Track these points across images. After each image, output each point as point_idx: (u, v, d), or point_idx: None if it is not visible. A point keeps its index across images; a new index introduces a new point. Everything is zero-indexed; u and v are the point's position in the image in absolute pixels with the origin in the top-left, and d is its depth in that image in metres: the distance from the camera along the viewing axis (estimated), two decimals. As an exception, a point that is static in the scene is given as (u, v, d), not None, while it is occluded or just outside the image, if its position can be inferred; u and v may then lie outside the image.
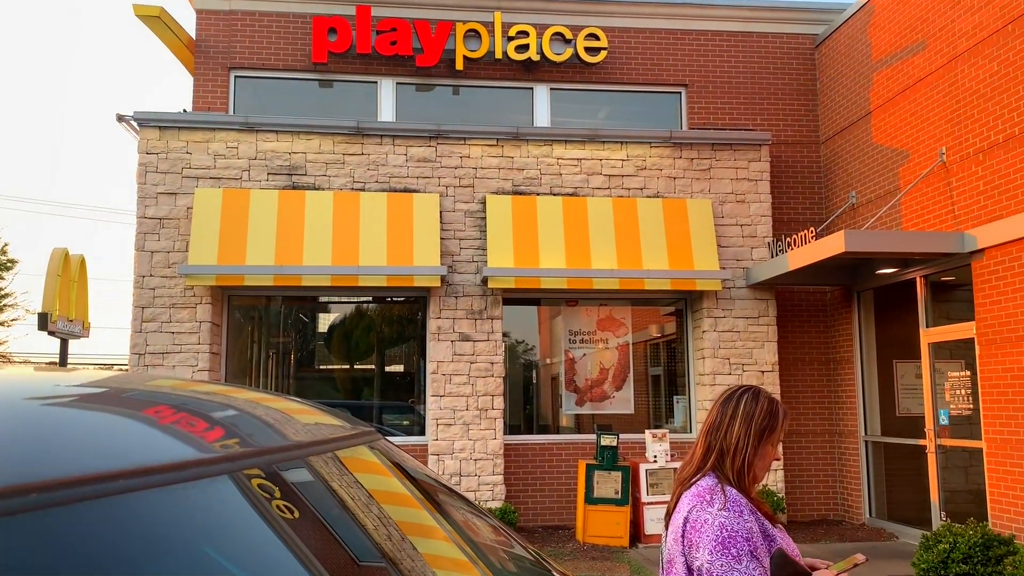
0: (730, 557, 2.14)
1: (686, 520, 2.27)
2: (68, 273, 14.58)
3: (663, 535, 2.45)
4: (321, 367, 10.85)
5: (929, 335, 9.23)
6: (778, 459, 2.53)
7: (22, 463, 0.78)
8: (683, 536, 2.26)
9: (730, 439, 2.36)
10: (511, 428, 10.29)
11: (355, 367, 10.78)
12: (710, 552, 2.16)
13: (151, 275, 9.55)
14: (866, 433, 10.46)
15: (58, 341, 13.83)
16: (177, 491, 0.88)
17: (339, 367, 10.82)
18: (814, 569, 2.42)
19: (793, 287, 10.96)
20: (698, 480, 2.35)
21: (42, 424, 0.92)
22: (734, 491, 2.29)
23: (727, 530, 2.17)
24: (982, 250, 8.22)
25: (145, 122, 9.81)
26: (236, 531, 0.94)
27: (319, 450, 1.25)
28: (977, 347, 8.31)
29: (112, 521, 0.78)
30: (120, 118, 9.86)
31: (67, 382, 1.32)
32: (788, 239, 9.73)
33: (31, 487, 0.74)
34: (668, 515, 2.43)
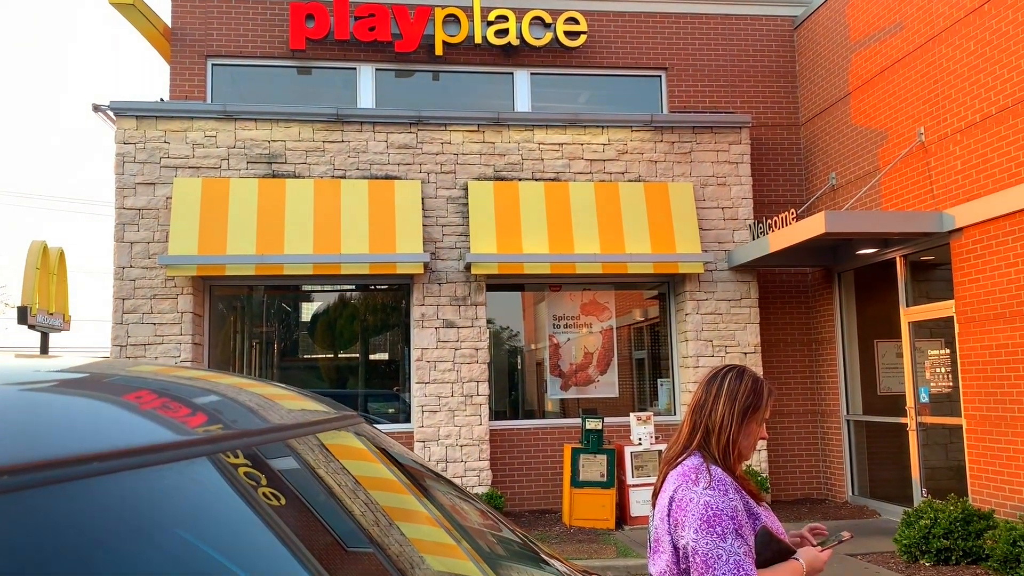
0: (715, 535, 2.15)
1: (672, 499, 2.28)
2: (47, 266, 14.42)
3: (650, 515, 2.46)
4: (305, 356, 10.82)
5: (909, 314, 9.31)
6: (765, 438, 2.53)
7: None
8: (669, 515, 2.28)
9: (715, 418, 2.37)
10: (496, 414, 10.31)
11: (339, 356, 10.76)
12: (695, 530, 2.18)
13: (131, 266, 9.47)
14: (848, 412, 10.57)
15: (39, 335, 13.69)
16: (155, 473, 0.88)
17: (323, 356, 10.79)
18: (801, 545, 2.45)
19: (774, 269, 11.03)
20: (684, 459, 2.37)
21: (18, 407, 0.91)
22: (719, 470, 2.30)
23: (712, 508, 2.19)
24: (960, 229, 8.30)
25: (122, 112, 9.70)
26: (216, 514, 0.94)
27: (300, 432, 1.24)
28: (956, 325, 8.40)
29: (87, 503, 0.78)
30: (96, 108, 9.74)
31: (47, 367, 1.31)
32: (769, 221, 9.77)
33: (2, 469, 0.73)
34: (655, 494, 2.44)
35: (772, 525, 2.32)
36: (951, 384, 8.71)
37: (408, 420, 9.99)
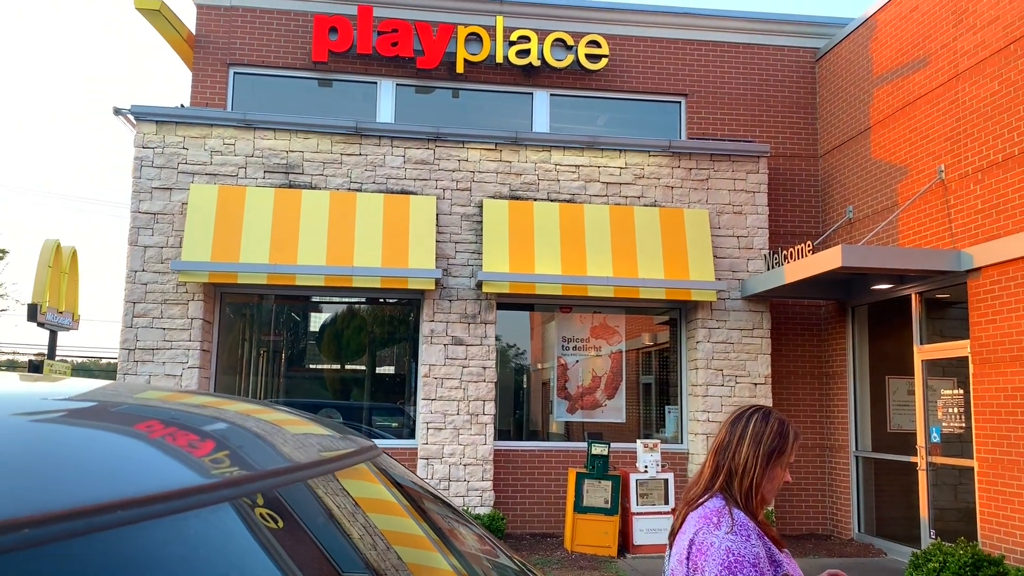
0: None
1: (692, 542, 2.22)
2: (59, 264, 14.47)
3: (666, 555, 2.40)
4: (312, 366, 10.78)
5: (923, 352, 9.22)
6: (788, 481, 2.46)
7: (11, 495, 0.73)
8: (688, 558, 2.21)
9: (738, 460, 2.31)
10: (501, 434, 10.23)
11: (346, 367, 10.71)
12: (716, 576, 2.12)
13: (144, 270, 9.47)
14: (857, 448, 10.45)
15: (47, 333, 13.71)
16: (178, 522, 0.84)
17: (330, 367, 10.75)
18: None
19: (788, 300, 10.95)
20: (705, 501, 2.31)
21: (30, 449, 0.87)
22: (742, 514, 2.24)
23: (734, 554, 2.13)
24: (979, 269, 8.22)
25: (142, 116, 9.73)
26: (238, 561, 0.90)
27: (321, 471, 1.20)
28: (971, 366, 8.30)
29: (110, 556, 0.73)
30: (117, 111, 9.78)
31: (54, 396, 1.26)
32: (785, 252, 9.71)
33: (23, 522, 0.69)
34: (672, 535, 2.38)
35: (793, 573, 2.26)
36: (963, 425, 8.60)
37: (412, 436, 9.92)
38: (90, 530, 0.72)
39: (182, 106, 10.30)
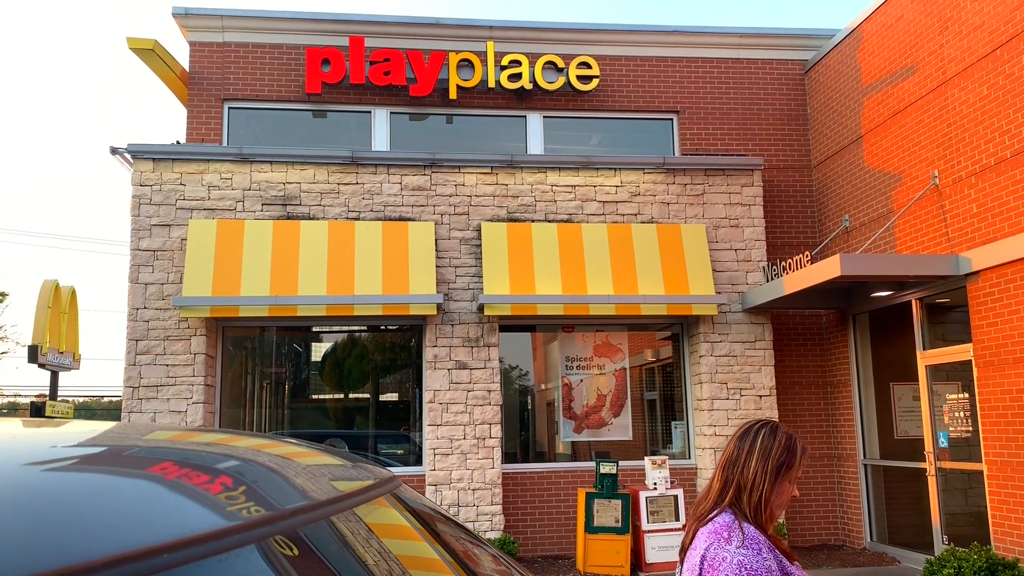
0: None
1: (703, 558, 2.23)
2: (58, 305, 14.47)
3: (677, 571, 2.41)
4: (315, 397, 10.77)
5: (926, 357, 9.23)
6: (796, 496, 2.47)
7: (28, 549, 0.74)
8: (700, 574, 2.22)
9: (747, 475, 2.32)
10: (508, 456, 10.21)
11: (350, 396, 10.70)
12: (730, 592, 2.12)
13: (145, 307, 9.49)
14: (865, 457, 10.42)
15: (48, 374, 13.69)
16: (204, 566, 0.85)
17: (334, 396, 10.74)
18: None
19: (788, 311, 10.97)
20: (715, 516, 2.32)
21: (45, 500, 0.88)
22: (752, 528, 2.25)
23: (746, 568, 2.14)
24: (977, 272, 8.25)
25: (139, 154, 9.79)
26: None
27: (343, 507, 1.21)
28: (975, 369, 8.31)
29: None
30: (114, 150, 9.84)
31: (63, 443, 1.27)
32: (783, 263, 9.74)
33: None
34: (683, 550, 2.39)
35: (807, 587, 2.26)
36: (970, 428, 8.59)
37: (419, 462, 9.90)
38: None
39: (178, 142, 10.36)
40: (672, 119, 11.68)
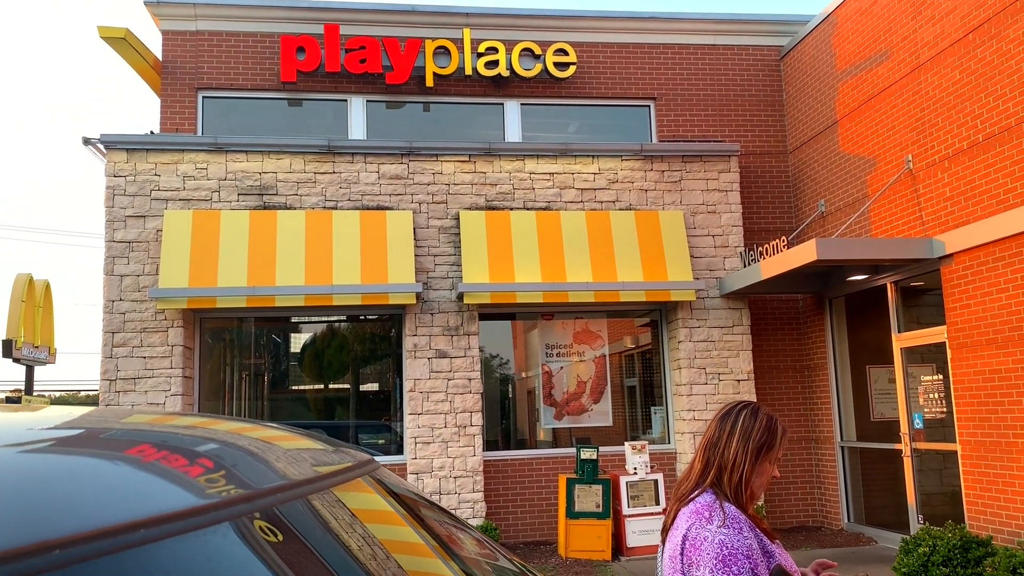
0: (731, 575, 2.12)
1: (685, 537, 2.25)
2: (33, 298, 14.28)
3: (659, 551, 2.43)
4: (295, 388, 10.73)
5: (901, 340, 9.34)
6: (777, 476, 2.50)
7: (3, 525, 0.74)
8: (682, 554, 2.24)
9: (728, 455, 2.35)
10: (489, 444, 10.23)
11: (330, 387, 10.67)
12: (711, 570, 2.14)
13: (121, 299, 9.39)
14: (842, 439, 10.55)
15: (24, 368, 13.53)
16: (181, 542, 0.85)
17: (313, 387, 10.70)
18: None
19: (766, 296, 11.06)
20: (696, 496, 2.34)
21: (21, 480, 0.87)
22: (733, 508, 2.27)
23: (727, 548, 2.16)
24: (951, 255, 8.35)
25: (112, 145, 9.67)
26: None
27: (320, 487, 1.21)
28: (949, 351, 8.42)
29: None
30: (86, 141, 9.71)
31: (39, 426, 1.27)
32: (760, 248, 9.81)
33: (22, 551, 0.70)
34: (664, 531, 2.41)
35: (786, 563, 2.29)
36: (945, 410, 8.71)
37: (400, 452, 9.90)
38: (84, 558, 0.73)
39: (152, 133, 10.25)
40: (649, 106, 11.70)
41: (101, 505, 0.83)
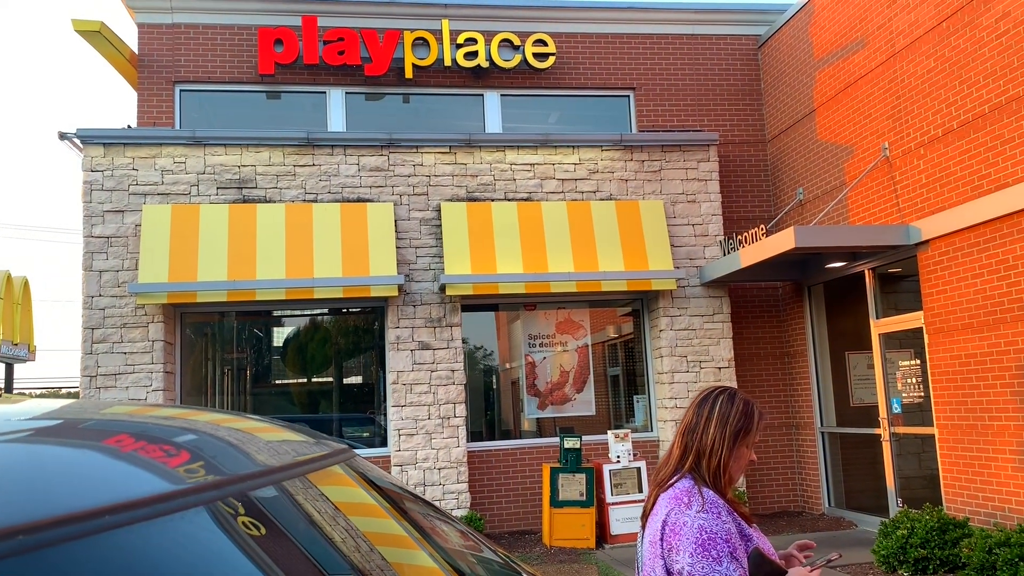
0: (711, 559, 2.16)
1: (665, 523, 2.28)
2: (11, 296, 14.15)
3: (639, 536, 2.46)
4: (278, 382, 10.70)
5: (879, 326, 9.44)
6: (754, 460, 2.55)
7: None
8: (662, 539, 2.27)
9: (706, 441, 2.37)
10: (473, 435, 10.26)
11: (313, 380, 10.66)
12: (690, 555, 2.17)
13: (100, 295, 9.33)
14: (822, 424, 10.66)
15: (3, 366, 13.43)
16: (152, 527, 0.86)
17: (296, 381, 10.68)
18: (790, 564, 2.46)
19: (746, 284, 11.14)
20: (675, 482, 2.37)
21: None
22: (711, 493, 2.30)
23: (707, 532, 2.19)
24: (927, 241, 8.45)
25: (89, 139, 9.59)
26: (213, 566, 0.92)
27: (294, 473, 1.23)
28: (926, 336, 8.53)
29: (82, 564, 0.76)
30: (63, 136, 9.62)
31: (17, 415, 1.28)
32: (739, 237, 9.88)
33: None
34: (644, 516, 2.43)
35: (764, 546, 2.33)
36: (922, 394, 8.83)
37: (384, 444, 9.91)
38: (60, 540, 0.74)
39: (129, 127, 10.16)
40: (629, 96, 11.73)
41: (71, 491, 0.85)
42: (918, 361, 8.88)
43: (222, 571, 0.92)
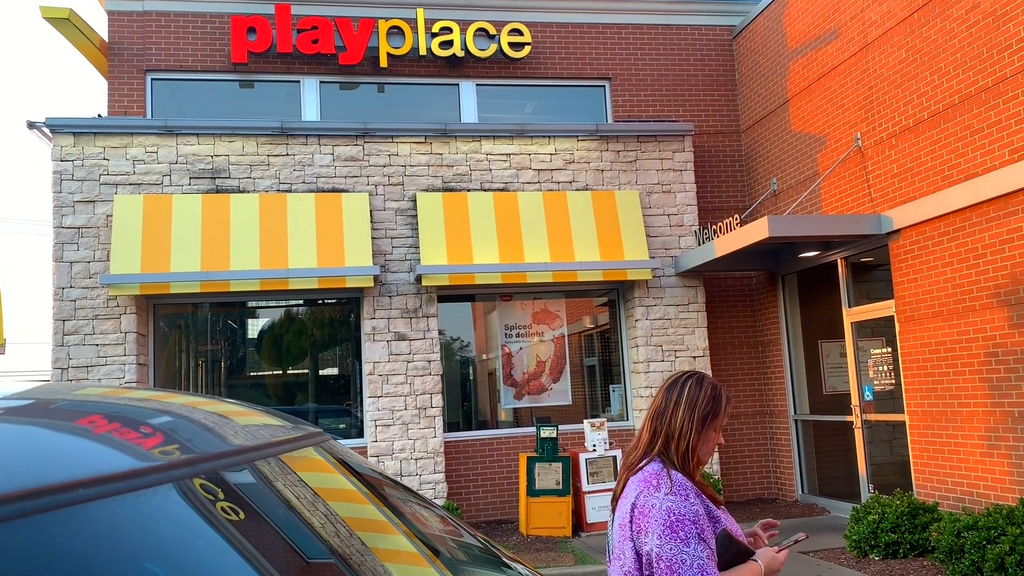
0: (678, 540, 2.18)
1: (634, 506, 2.30)
2: (-20, 288, 13.96)
3: (609, 520, 2.48)
4: (253, 373, 10.63)
5: (851, 314, 9.55)
6: (721, 444, 2.59)
7: None
8: (631, 522, 2.29)
9: (674, 425, 2.40)
10: (450, 425, 10.27)
11: (288, 372, 10.60)
12: (659, 536, 2.20)
13: (71, 286, 9.21)
14: (796, 412, 10.78)
15: (-28, 359, 13.25)
16: (118, 502, 0.86)
17: (272, 373, 10.62)
18: (756, 543, 2.49)
19: (720, 273, 11.22)
20: (644, 465, 2.39)
21: None
22: (680, 475, 2.33)
23: (675, 514, 2.21)
24: (898, 231, 8.55)
25: (58, 128, 9.44)
26: (182, 542, 0.92)
27: (267, 454, 1.23)
28: (897, 324, 8.64)
29: (45, 538, 0.75)
30: (31, 125, 9.47)
31: None
32: (714, 227, 9.95)
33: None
34: (615, 500, 2.45)
35: (731, 528, 2.35)
36: (893, 382, 8.95)
37: (361, 435, 9.89)
38: (33, 511, 0.74)
39: (99, 116, 10.02)
40: (604, 86, 11.74)
41: (43, 466, 0.84)
42: (889, 349, 9.00)
43: (194, 546, 0.92)
